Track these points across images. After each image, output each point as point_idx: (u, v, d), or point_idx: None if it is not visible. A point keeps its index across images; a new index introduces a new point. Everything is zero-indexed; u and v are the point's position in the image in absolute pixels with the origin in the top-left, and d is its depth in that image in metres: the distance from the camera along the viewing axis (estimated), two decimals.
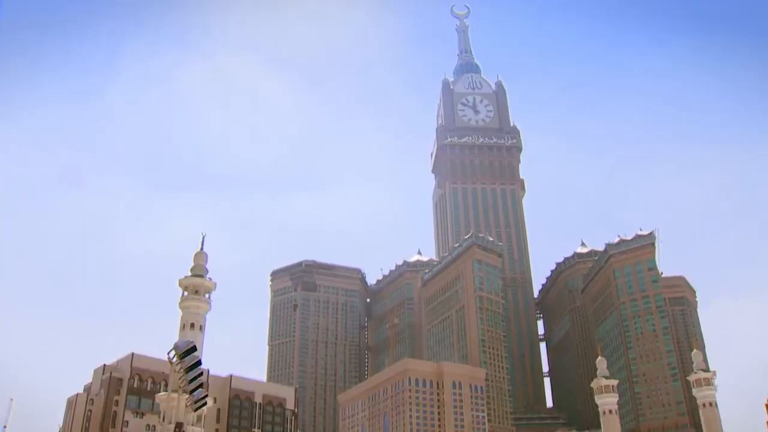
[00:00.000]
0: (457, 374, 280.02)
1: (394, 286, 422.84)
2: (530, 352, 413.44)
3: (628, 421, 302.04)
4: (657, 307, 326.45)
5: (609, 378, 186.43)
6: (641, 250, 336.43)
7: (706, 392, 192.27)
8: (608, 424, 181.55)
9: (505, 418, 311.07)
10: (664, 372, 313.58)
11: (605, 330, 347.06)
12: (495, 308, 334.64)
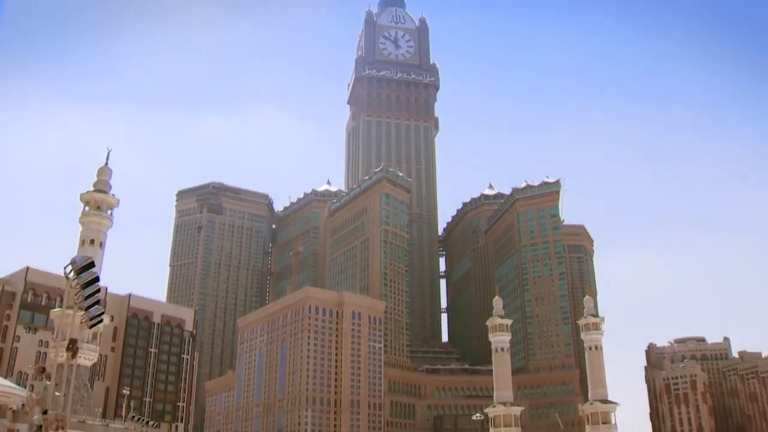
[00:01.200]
0: (357, 305, 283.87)
1: (301, 214, 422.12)
2: (430, 287, 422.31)
3: (519, 359, 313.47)
4: (555, 252, 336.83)
5: (504, 318, 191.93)
6: (546, 196, 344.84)
7: (593, 336, 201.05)
8: (499, 361, 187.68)
9: (401, 350, 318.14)
10: (556, 315, 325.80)
11: (504, 271, 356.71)
12: (399, 242, 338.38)
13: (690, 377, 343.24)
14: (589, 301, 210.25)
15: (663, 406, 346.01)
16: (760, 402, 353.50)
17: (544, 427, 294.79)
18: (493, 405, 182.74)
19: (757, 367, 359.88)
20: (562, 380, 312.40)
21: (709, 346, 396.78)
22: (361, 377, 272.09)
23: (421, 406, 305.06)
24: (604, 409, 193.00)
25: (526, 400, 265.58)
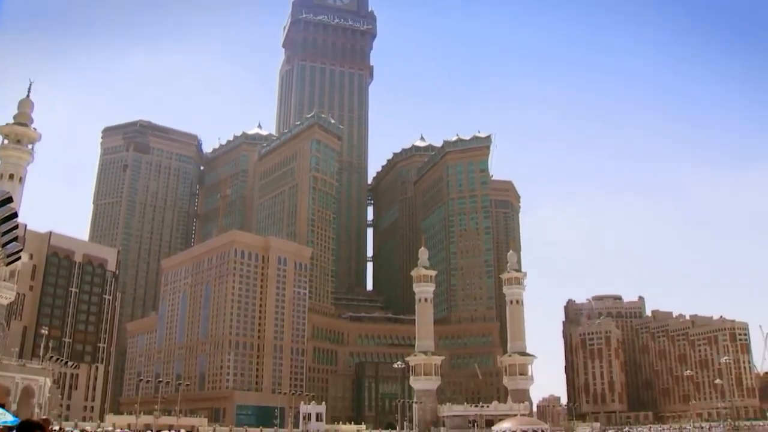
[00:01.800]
0: (284, 250, 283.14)
1: (230, 156, 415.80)
2: (357, 236, 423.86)
3: (441, 310, 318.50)
4: (483, 207, 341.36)
5: (429, 269, 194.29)
6: (476, 151, 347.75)
7: (515, 290, 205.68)
8: (422, 311, 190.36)
9: (326, 297, 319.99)
10: (480, 268, 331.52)
11: (431, 223, 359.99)
12: (328, 190, 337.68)
13: (605, 333, 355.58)
14: (513, 256, 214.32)
15: (578, 360, 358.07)
16: (668, 359, 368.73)
17: (464, 376, 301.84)
18: (415, 354, 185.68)
19: (667, 326, 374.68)
20: (483, 332, 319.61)
21: (624, 305, 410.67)
22: (285, 322, 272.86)
23: (344, 353, 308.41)
24: (522, 361, 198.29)
25: (446, 350, 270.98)
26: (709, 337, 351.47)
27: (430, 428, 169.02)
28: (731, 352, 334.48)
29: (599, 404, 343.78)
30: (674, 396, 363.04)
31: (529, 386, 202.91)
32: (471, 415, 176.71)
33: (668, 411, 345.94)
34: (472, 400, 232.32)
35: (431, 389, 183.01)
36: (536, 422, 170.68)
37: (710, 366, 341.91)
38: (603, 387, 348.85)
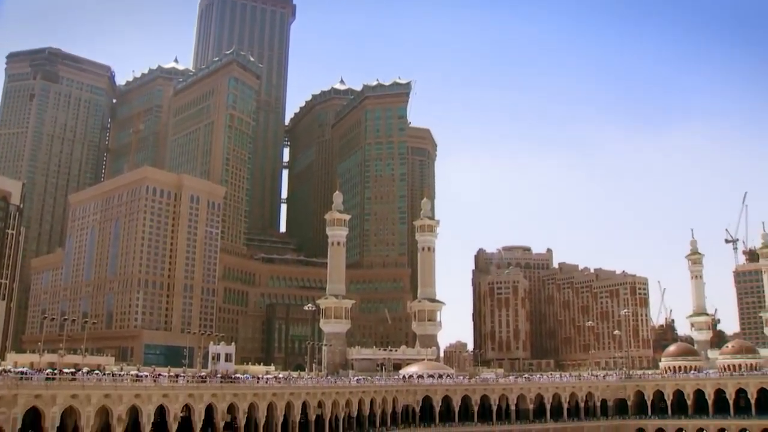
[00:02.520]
0: (197, 189, 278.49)
1: (144, 90, 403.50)
2: (272, 177, 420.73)
3: (354, 254, 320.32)
4: (399, 153, 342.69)
5: (342, 212, 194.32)
6: (395, 97, 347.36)
7: (427, 238, 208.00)
8: (335, 254, 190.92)
9: (238, 237, 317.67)
10: (393, 214, 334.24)
11: (347, 167, 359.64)
12: (244, 129, 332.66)
13: (513, 283, 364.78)
14: (427, 204, 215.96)
15: (485, 308, 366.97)
16: (572, 310, 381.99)
17: (373, 320, 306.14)
18: (326, 297, 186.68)
19: (573, 278, 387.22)
20: (394, 278, 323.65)
21: (533, 256, 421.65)
22: (196, 262, 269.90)
23: (255, 294, 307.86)
24: (431, 307, 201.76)
25: (357, 294, 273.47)
26: (611, 290, 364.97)
27: (339, 370, 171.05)
28: (631, 305, 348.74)
29: (504, 351, 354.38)
30: (575, 345, 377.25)
31: (437, 332, 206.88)
32: (379, 359, 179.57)
33: (569, 359, 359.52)
34: (380, 344, 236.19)
35: (341, 332, 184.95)
36: (442, 367, 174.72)
37: (610, 318, 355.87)
38: (508, 335, 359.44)
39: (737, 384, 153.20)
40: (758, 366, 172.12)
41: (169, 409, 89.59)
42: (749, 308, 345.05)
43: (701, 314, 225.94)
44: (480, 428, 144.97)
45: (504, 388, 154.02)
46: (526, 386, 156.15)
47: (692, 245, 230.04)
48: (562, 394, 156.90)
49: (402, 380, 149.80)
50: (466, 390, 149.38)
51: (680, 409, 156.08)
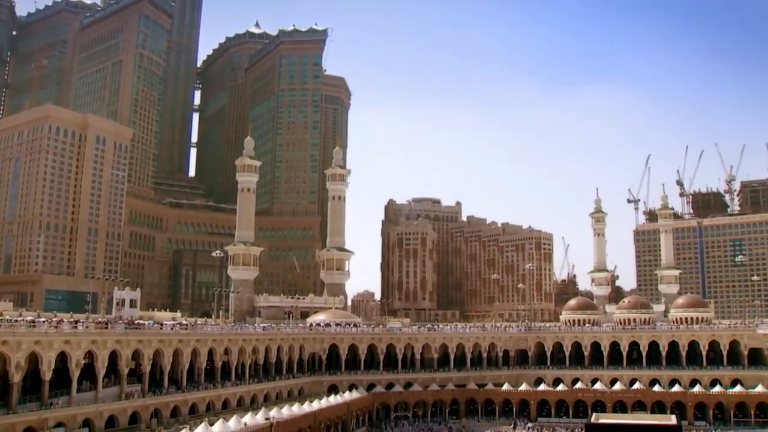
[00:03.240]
0: (103, 129, 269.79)
1: (48, 23, 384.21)
2: (182, 120, 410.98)
3: (264, 201, 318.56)
4: (312, 101, 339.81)
5: (253, 159, 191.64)
6: (311, 44, 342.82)
7: (338, 186, 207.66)
8: (244, 200, 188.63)
9: (146, 181, 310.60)
10: (305, 162, 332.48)
11: (259, 112, 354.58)
12: (154, 69, 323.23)
13: (421, 235, 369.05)
14: (339, 153, 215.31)
15: (394, 259, 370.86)
16: (478, 262, 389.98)
17: (282, 268, 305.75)
18: (234, 243, 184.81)
19: (480, 232, 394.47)
20: (304, 226, 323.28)
21: (442, 209, 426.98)
22: (101, 205, 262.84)
23: (162, 239, 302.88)
24: (340, 256, 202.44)
25: (266, 242, 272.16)
26: (516, 244, 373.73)
27: (246, 318, 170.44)
28: (535, 259, 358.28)
29: (411, 301, 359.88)
30: (480, 297, 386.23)
31: (345, 281, 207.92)
32: (287, 307, 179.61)
33: (474, 311, 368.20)
34: (288, 292, 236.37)
35: (249, 279, 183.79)
36: (350, 316, 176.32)
37: (515, 271, 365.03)
38: (415, 285, 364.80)
39: (631, 337, 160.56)
40: (651, 320, 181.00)
41: (71, 356, 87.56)
42: (646, 266, 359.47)
43: (601, 270, 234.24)
44: (385, 376, 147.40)
45: (410, 337, 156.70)
46: (431, 336, 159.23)
47: (596, 204, 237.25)
48: (466, 344, 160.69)
49: (309, 328, 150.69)
50: (373, 339, 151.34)
51: (578, 360, 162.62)
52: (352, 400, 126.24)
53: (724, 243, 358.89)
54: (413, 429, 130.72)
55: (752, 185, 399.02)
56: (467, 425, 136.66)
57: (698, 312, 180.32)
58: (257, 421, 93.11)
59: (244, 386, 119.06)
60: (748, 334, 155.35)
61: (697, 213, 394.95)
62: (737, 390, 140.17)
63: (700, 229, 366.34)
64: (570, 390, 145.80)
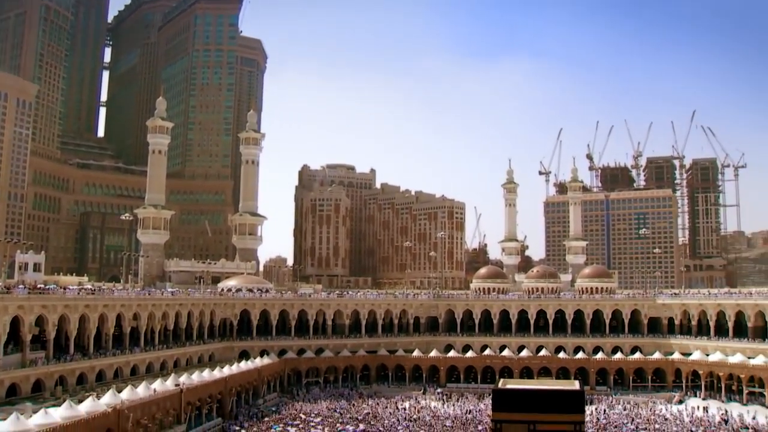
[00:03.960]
0: (5, 85, 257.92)
1: None
2: (91, 78, 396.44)
3: (175, 163, 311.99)
4: (228, 62, 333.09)
5: (165, 120, 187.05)
6: (227, 4, 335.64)
7: (251, 150, 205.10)
8: (155, 163, 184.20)
9: (52, 140, 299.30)
10: (218, 125, 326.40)
11: (173, 72, 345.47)
12: (62, 23, 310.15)
13: (335, 201, 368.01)
14: (253, 116, 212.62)
15: (307, 225, 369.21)
16: (391, 230, 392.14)
17: (193, 232, 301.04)
18: (144, 206, 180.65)
19: (394, 199, 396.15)
20: (216, 189, 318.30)
21: (357, 175, 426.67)
22: (2, 164, 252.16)
23: (68, 201, 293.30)
24: (252, 221, 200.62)
25: (177, 205, 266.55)
26: (429, 213, 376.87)
27: (156, 282, 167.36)
28: (447, 228, 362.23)
29: (323, 267, 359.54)
30: (393, 264, 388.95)
31: (258, 246, 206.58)
32: (198, 271, 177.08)
33: (386, 278, 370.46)
34: (200, 257, 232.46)
35: (159, 243, 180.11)
36: (261, 281, 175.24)
37: (428, 239, 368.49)
38: (328, 251, 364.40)
39: (538, 305, 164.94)
40: (558, 290, 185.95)
41: None
42: (555, 237, 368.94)
43: (512, 240, 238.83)
44: (297, 342, 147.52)
45: (322, 303, 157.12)
46: (343, 302, 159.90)
47: (508, 174, 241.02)
48: (378, 310, 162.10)
49: (220, 294, 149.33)
50: (285, 305, 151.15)
51: (487, 328, 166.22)
52: (264, 365, 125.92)
53: (629, 216, 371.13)
54: (324, 394, 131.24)
55: (657, 161, 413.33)
56: (378, 390, 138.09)
57: (603, 282, 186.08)
58: (167, 387, 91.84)
59: (154, 352, 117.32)
60: (649, 303, 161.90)
61: (605, 186, 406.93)
62: (636, 357, 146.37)
63: (607, 202, 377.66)
64: (479, 356, 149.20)
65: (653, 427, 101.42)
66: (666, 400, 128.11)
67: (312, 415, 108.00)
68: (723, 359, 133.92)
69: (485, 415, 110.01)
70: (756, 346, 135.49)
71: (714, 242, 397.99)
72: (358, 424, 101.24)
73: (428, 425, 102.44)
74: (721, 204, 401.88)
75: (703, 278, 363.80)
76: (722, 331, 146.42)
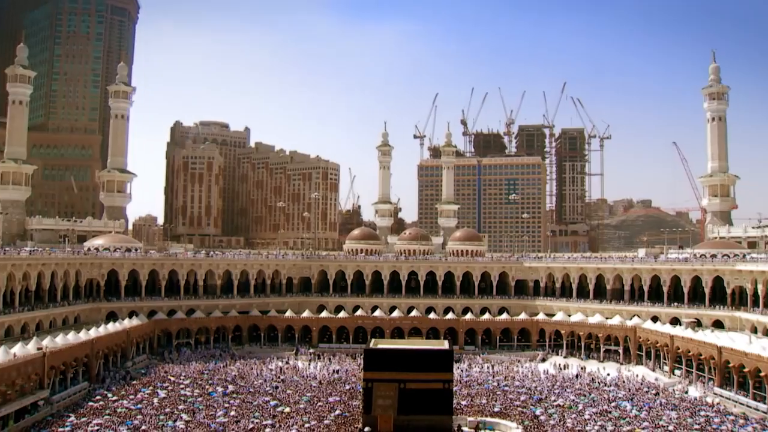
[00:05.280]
0: None
1: None
2: None
3: (38, 116, 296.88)
4: (97, 11, 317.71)
5: (27, 68, 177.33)
6: None
7: (121, 104, 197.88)
8: (15, 114, 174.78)
9: None
10: (86, 76, 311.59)
11: (36, 18, 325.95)
12: None
13: (208, 159, 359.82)
14: (123, 68, 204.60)
15: (179, 183, 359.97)
16: (264, 189, 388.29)
17: (58, 189, 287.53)
18: (3, 160, 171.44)
19: (268, 159, 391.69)
20: (83, 144, 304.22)
21: (230, 133, 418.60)
22: None
23: None
24: (121, 178, 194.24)
25: (40, 160, 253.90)
26: (304, 173, 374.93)
27: (16, 241, 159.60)
28: (321, 189, 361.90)
29: (195, 227, 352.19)
30: (266, 224, 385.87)
31: (126, 204, 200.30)
32: (62, 230, 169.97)
33: (259, 238, 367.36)
34: (65, 215, 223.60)
35: (20, 200, 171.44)
36: (130, 240, 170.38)
37: (301, 200, 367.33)
38: (200, 211, 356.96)
39: (410, 267, 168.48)
40: (429, 252, 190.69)
41: None
42: (428, 200, 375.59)
43: (385, 202, 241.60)
44: (167, 303, 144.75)
45: (193, 263, 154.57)
46: (214, 262, 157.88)
47: (383, 137, 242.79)
48: (250, 271, 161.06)
49: (86, 253, 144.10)
50: (154, 264, 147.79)
51: (359, 289, 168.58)
52: (132, 327, 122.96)
53: (500, 182, 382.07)
54: (195, 356, 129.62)
55: (528, 129, 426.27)
56: (250, 351, 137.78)
57: (473, 245, 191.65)
58: (28, 350, 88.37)
59: (14, 315, 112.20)
60: (516, 266, 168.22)
61: (477, 152, 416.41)
62: (503, 317, 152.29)
63: (479, 167, 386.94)
64: (351, 317, 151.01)
65: (513, 384, 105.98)
66: (530, 358, 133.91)
67: (181, 377, 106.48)
68: (583, 320, 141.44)
69: (352, 375, 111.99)
70: (614, 308, 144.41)
71: (579, 209, 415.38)
72: (227, 385, 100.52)
73: (296, 385, 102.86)
74: (586, 173, 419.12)
75: (567, 243, 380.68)
76: (584, 293, 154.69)
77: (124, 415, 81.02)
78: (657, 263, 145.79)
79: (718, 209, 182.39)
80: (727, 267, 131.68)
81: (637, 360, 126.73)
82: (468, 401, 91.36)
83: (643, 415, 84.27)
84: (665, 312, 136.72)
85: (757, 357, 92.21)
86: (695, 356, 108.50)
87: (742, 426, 79.72)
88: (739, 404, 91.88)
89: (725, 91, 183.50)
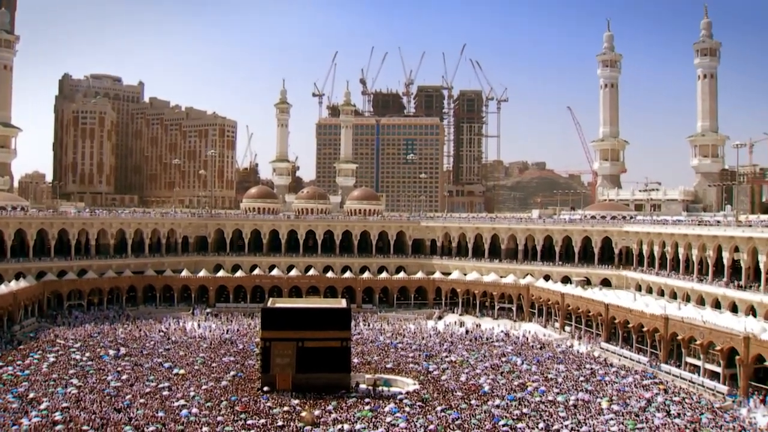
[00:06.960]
0: None
1: None
2: None
3: None
4: None
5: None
6: None
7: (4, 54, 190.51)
8: None
9: None
10: None
11: None
12: None
13: (100, 114, 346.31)
14: (5, 15, 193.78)
15: (68, 138, 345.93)
16: (159, 146, 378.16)
17: None
18: None
19: (163, 115, 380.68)
20: None
21: (123, 88, 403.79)
22: None
23: None
24: (5, 132, 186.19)
25: None
26: (200, 130, 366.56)
27: None
28: (218, 146, 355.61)
29: (86, 185, 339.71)
30: (161, 182, 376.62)
31: (11, 160, 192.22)
32: None
33: (154, 196, 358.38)
34: None
35: None
36: (16, 198, 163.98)
37: (197, 157, 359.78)
38: (92, 168, 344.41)
39: (308, 226, 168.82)
40: (328, 211, 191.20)
41: None
42: (326, 159, 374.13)
43: (283, 161, 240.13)
44: (57, 263, 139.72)
45: (84, 222, 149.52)
46: (107, 221, 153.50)
47: (281, 95, 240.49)
48: (145, 230, 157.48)
49: None
50: (43, 223, 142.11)
51: (256, 247, 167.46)
52: (19, 289, 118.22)
53: (399, 142, 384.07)
54: (88, 318, 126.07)
55: (427, 90, 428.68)
56: (145, 312, 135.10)
57: (371, 204, 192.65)
58: None
59: None
60: (413, 226, 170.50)
61: (376, 111, 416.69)
62: (401, 276, 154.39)
63: (378, 127, 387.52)
64: (248, 276, 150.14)
65: (404, 340, 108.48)
66: (427, 316, 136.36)
67: (71, 340, 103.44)
68: (478, 278, 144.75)
69: (243, 334, 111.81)
70: (508, 267, 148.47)
71: (476, 170, 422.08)
72: (119, 347, 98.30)
73: (188, 346, 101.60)
74: (483, 134, 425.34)
75: (464, 203, 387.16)
76: (479, 252, 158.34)
77: (9, 382, 77.15)
78: (549, 224, 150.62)
79: (608, 173, 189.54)
80: (615, 228, 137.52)
81: (530, 317, 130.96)
82: (360, 359, 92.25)
83: (533, 369, 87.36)
84: (557, 271, 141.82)
85: (640, 313, 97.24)
86: (584, 313, 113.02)
87: (624, 377, 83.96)
88: (623, 357, 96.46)
89: (618, 59, 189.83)
